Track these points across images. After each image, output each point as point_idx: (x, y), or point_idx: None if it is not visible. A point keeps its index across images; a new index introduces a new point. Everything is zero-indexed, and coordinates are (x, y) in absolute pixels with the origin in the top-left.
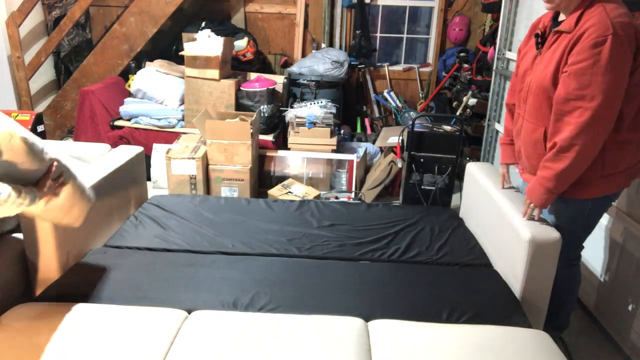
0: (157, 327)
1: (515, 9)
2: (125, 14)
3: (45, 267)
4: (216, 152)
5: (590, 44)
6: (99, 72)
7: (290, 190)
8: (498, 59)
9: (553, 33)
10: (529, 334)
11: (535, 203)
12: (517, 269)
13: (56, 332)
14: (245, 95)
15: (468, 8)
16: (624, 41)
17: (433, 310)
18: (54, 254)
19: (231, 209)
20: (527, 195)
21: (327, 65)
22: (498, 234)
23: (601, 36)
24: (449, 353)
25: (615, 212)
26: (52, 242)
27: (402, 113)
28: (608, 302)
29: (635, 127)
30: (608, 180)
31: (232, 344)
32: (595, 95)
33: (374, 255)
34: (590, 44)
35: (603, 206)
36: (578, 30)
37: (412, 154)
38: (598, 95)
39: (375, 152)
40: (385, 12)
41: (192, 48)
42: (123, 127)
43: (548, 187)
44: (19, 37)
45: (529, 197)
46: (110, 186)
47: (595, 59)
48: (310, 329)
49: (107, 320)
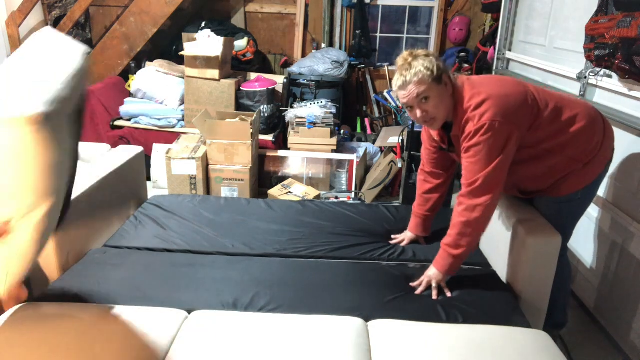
0: (157, 327)
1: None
2: (125, 14)
3: (45, 268)
4: (216, 152)
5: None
6: (99, 72)
7: (290, 190)
8: (498, 59)
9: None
10: (529, 334)
11: (449, 274)
12: (517, 269)
13: (56, 332)
14: (245, 95)
15: (468, 8)
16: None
17: (433, 310)
18: (54, 254)
19: (231, 209)
20: (436, 268)
21: (327, 65)
22: (498, 233)
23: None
24: (448, 353)
25: (614, 212)
26: (52, 243)
27: (402, 113)
28: (608, 302)
29: (559, 130)
30: (578, 174)
31: (232, 344)
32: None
33: (374, 255)
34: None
35: (586, 198)
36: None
37: (412, 154)
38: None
39: (375, 152)
40: (385, 12)
41: (192, 48)
42: (123, 127)
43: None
44: (19, 37)
45: (438, 269)
46: (110, 186)
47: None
48: (310, 329)
49: (107, 320)
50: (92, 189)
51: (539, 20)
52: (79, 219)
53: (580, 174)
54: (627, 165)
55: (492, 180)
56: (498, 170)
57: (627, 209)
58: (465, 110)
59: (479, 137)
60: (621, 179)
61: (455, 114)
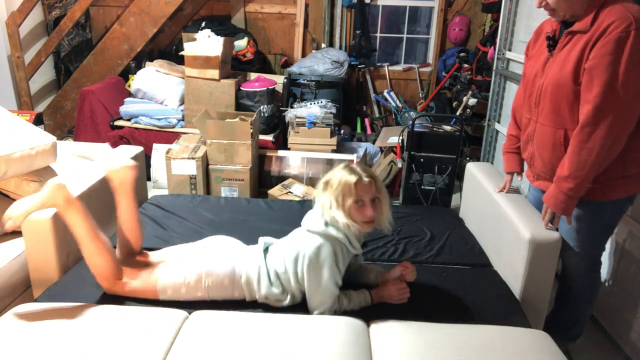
0: (157, 327)
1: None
2: (125, 14)
3: (45, 268)
4: (216, 152)
5: (615, 38)
6: (99, 72)
7: (290, 190)
8: (498, 58)
9: (565, 34)
10: (529, 334)
11: (556, 210)
12: (517, 269)
13: (56, 332)
14: (245, 95)
15: (468, 8)
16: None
17: (433, 311)
18: (54, 255)
19: (231, 209)
20: (546, 203)
21: (327, 65)
22: (498, 234)
23: (624, 30)
24: (449, 353)
25: None
26: (52, 243)
27: (402, 113)
28: (608, 302)
29: None
30: (629, 181)
31: (232, 344)
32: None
33: (374, 255)
34: (615, 37)
35: (623, 209)
36: (598, 27)
37: (412, 154)
38: (626, 85)
39: (375, 152)
40: (385, 12)
41: (192, 48)
42: (123, 127)
43: (567, 191)
44: (19, 37)
45: (548, 204)
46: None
47: (619, 54)
48: (311, 329)
49: (107, 320)
50: (92, 189)
51: (539, 20)
52: None
53: (618, 183)
54: None
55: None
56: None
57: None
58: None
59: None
60: None
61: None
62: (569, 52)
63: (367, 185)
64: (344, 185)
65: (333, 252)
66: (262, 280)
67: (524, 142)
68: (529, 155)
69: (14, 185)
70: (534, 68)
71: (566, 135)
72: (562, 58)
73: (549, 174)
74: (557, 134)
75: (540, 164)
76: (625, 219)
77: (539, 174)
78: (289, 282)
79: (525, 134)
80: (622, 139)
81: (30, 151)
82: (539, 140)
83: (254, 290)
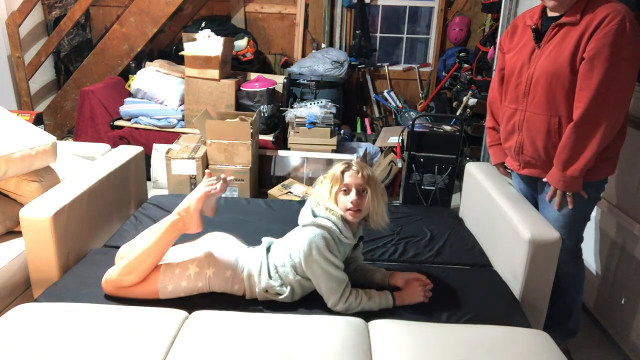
0: (157, 327)
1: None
2: (125, 14)
3: (45, 268)
4: (216, 152)
5: (614, 29)
6: (99, 72)
7: (290, 190)
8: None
9: (553, 27)
10: (529, 334)
11: (568, 190)
12: (516, 269)
13: (56, 332)
14: (245, 95)
15: (468, 8)
16: (635, 24)
17: (433, 310)
18: (54, 255)
19: (231, 209)
20: (555, 186)
21: (327, 65)
22: (498, 234)
23: (620, 22)
24: (449, 353)
25: (614, 212)
26: (52, 243)
27: (402, 113)
28: (608, 302)
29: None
30: (610, 163)
31: (232, 344)
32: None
33: (374, 255)
34: (613, 28)
35: (602, 189)
36: (592, 19)
37: (412, 154)
38: (626, 71)
39: (375, 152)
40: (385, 12)
41: (192, 48)
42: (123, 127)
43: (575, 173)
44: (19, 37)
45: (558, 186)
46: (110, 186)
47: (619, 43)
48: (311, 329)
49: (107, 320)
50: (92, 189)
51: None
52: (79, 219)
53: (600, 164)
54: (628, 165)
55: None
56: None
57: (627, 209)
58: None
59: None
60: (621, 179)
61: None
62: (560, 43)
63: (354, 173)
64: (333, 173)
65: (323, 237)
66: (263, 274)
67: (507, 132)
68: (516, 143)
69: (14, 185)
70: (518, 60)
71: (560, 122)
72: (552, 49)
73: (540, 161)
74: (551, 121)
75: (531, 150)
76: (625, 219)
77: (529, 161)
78: (287, 276)
79: (510, 123)
80: (621, 120)
81: (30, 151)
82: (530, 128)
83: (255, 284)
